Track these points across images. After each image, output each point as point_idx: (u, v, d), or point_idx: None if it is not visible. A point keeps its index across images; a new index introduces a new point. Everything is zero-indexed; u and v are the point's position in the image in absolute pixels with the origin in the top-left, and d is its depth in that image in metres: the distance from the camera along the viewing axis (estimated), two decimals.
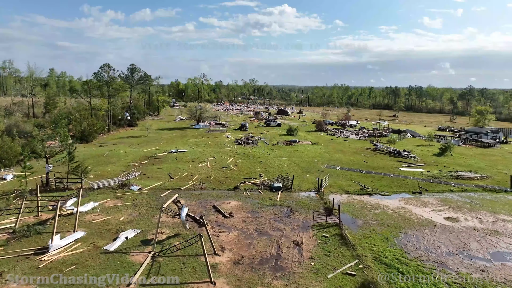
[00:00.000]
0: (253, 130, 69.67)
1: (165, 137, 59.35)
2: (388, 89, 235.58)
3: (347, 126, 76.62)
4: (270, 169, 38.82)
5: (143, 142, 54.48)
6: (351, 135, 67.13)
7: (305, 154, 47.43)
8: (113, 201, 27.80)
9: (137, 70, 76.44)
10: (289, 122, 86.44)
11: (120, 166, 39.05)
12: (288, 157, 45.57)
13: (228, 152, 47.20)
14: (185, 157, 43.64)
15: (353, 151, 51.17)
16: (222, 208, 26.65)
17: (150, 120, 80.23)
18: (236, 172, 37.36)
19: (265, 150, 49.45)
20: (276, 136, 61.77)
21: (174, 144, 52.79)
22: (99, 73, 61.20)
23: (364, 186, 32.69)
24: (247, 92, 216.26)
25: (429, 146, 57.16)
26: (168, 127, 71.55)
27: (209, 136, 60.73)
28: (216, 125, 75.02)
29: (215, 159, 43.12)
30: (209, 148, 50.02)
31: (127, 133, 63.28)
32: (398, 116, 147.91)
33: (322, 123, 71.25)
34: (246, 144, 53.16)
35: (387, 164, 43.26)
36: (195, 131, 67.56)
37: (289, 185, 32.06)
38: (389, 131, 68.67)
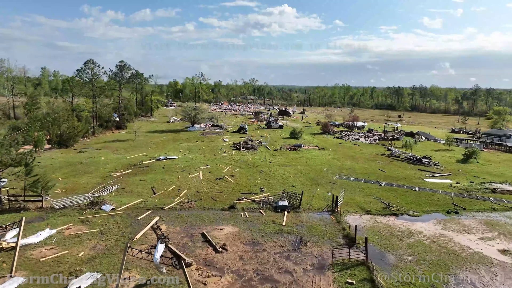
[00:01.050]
0: (253, 133, 63.91)
1: (155, 141, 53.54)
2: (391, 89, 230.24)
3: (354, 128, 70.84)
4: (272, 181, 33.04)
5: (130, 147, 48.68)
6: (360, 138, 61.35)
7: (312, 162, 41.65)
8: (76, 226, 22.00)
9: (127, 68, 70.68)
10: (292, 124, 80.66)
11: (97, 177, 33.26)
12: (293, 165, 39.79)
13: (224, 159, 41.42)
14: (174, 165, 37.86)
15: (366, 157, 45.38)
16: (213, 236, 20.89)
17: (139, 122, 74.35)
18: (232, 185, 31.57)
19: (267, 156, 43.67)
20: (279, 140, 55.99)
21: (164, 149, 46.99)
22: (82, 70, 55.48)
23: (388, 205, 26.89)
24: (247, 92, 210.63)
25: (448, 151, 51.42)
26: (160, 130, 65.71)
27: (204, 140, 54.93)
28: (213, 127, 69.23)
29: (209, 168, 37.34)
30: (203, 154, 44.22)
31: (114, 136, 57.47)
32: (403, 116, 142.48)
33: (328, 125, 65.49)
34: (245, 149, 47.38)
35: (407, 173, 37.49)
36: (189, 134, 61.73)
37: (297, 204, 26.28)
38: (402, 134, 62.87)
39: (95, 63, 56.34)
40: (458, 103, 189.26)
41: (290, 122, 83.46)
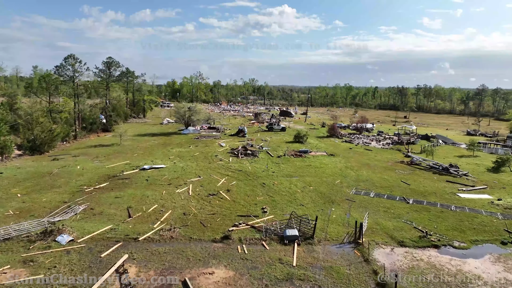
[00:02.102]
0: (253, 136, 58.15)
1: (143, 145, 47.75)
2: (394, 88, 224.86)
3: (363, 131, 65.04)
4: (277, 198, 27.31)
5: (113, 153, 42.93)
6: (371, 142, 55.60)
7: (322, 172, 35.90)
8: (14, 270, 16.27)
9: (116, 65, 64.91)
10: (295, 126, 74.91)
11: (65, 192, 27.54)
12: (300, 175, 34.05)
13: (219, 169, 35.68)
14: (160, 176, 32.13)
15: (383, 165, 39.63)
16: (199, 287, 15.18)
17: (129, 124, 68.39)
18: (228, 203, 25.84)
19: (269, 165, 37.92)
20: (282, 144, 50.23)
21: (152, 156, 41.24)
22: (62, 67, 49.79)
23: (425, 233, 21.12)
24: (246, 92, 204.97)
25: (473, 158, 45.69)
26: (150, 132, 59.89)
27: (198, 145, 49.13)
28: (209, 129, 63.47)
29: (201, 180, 31.61)
30: (196, 162, 38.46)
31: (98, 140, 51.72)
32: (409, 117, 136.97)
33: (336, 128, 59.66)
34: (244, 155, 41.64)
35: (436, 186, 31.75)
36: (183, 137, 55.92)
37: (310, 233, 20.54)
38: (418, 137, 57.10)
39: (76, 58, 50.52)
40: (464, 104, 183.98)
41: (293, 124, 77.66)
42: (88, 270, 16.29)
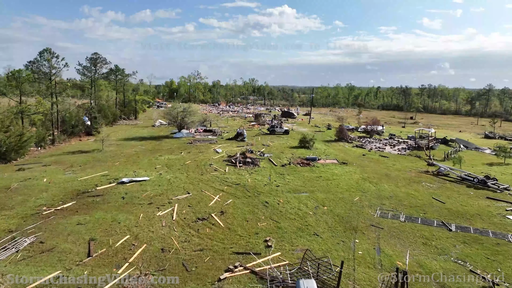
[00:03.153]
0: (253, 140, 52.41)
1: (128, 152, 41.95)
2: (398, 89, 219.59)
3: (374, 134, 59.27)
4: (283, 223, 21.58)
5: (92, 161, 37.17)
6: (385, 147, 49.83)
7: (335, 184, 30.16)
8: None
9: (102, 61, 59.13)
10: (298, 128, 69.20)
11: (16, 216, 21.80)
12: (310, 190, 28.31)
13: (213, 181, 29.94)
14: (141, 192, 26.40)
15: (405, 176, 33.88)
16: None
17: (116, 127, 62.70)
18: (221, 232, 20.11)
19: (272, 176, 32.20)
20: (285, 150, 44.48)
21: (136, 165, 35.49)
22: (37, 62, 44.10)
23: (492, 283, 15.39)
24: (246, 92, 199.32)
25: (505, 166, 39.95)
26: (139, 136, 54.04)
27: (191, 151, 43.34)
28: (205, 132, 57.71)
29: (190, 197, 25.87)
30: (186, 173, 32.70)
31: (79, 146, 45.93)
32: (416, 118, 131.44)
33: (345, 131, 53.84)
34: (243, 164, 35.91)
35: (476, 205, 26.01)
36: (174, 142, 50.11)
37: (334, 284, 14.81)
38: (437, 141, 51.34)
39: (53, 53, 44.81)
40: (471, 104, 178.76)
41: (296, 126, 71.75)
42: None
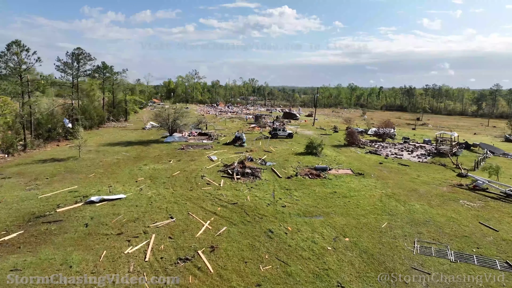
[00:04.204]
0: (253, 145, 46.78)
1: (108, 161, 36.23)
2: (402, 89, 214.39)
3: (386, 137, 53.57)
4: (294, 266, 15.92)
5: (63, 172, 31.49)
6: (402, 153, 44.15)
7: (354, 203, 24.48)
8: None
9: (86, 57, 53.33)
10: (303, 131, 63.52)
11: None
12: (324, 212, 22.66)
13: (205, 200, 24.30)
14: (111, 217, 20.76)
15: (437, 191, 28.16)
16: None
17: (102, 130, 56.95)
18: (209, 282, 14.45)
19: (276, 192, 26.55)
20: (290, 158, 38.84)
21: (113, 177, 29.82)
22: (4, 56, 38.46)
23: None
24: (246, 93, 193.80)
25: None
26: (125, 141, 48.29)
27: (182, 158, 37.65)
28: (200, 136, 52.06)
29: (172, 223, 20.22)
30: (172, 188, 27.02)
31: (54, 153, 40.24)
32: (422, 119, 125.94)
33: (355, 134, 48.07)
34: (242, 176, 30.27)
35: None
36: (164, 147, 44.41)
37: None
38: (460, 146, 45.63)
39: (23, 45, 39.17)
40: (478, 104, 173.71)
41: (300, 129, 66.02)
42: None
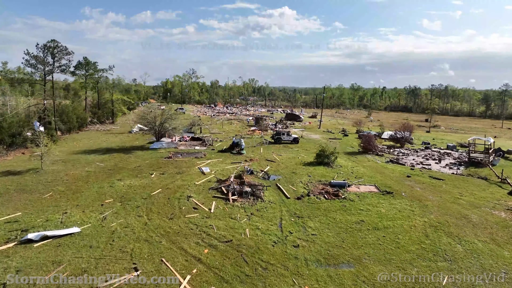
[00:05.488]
0: (254, 152, 40.22)
1: (75, 174, 29.53)
2: (406, 89, 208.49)
3: (405, 143, 46.97)
4: None
5: (12, 190, 24.83)
6: (428, 162, 37.55)
7: (391, 240, 17.84)
8: None
9: (61, 51, 46.53)
10: (309, 135, 56.92)
11: None
12: (353, 255, 16.04)
13: (188, 235, 17.69)
14: (45, 269, 14.12)
15: (495, 219, 21.48)
16: None
17: (82, 134, 50.27)
18: None
19: (285, 221, 19.94)
20: (298, 169, 32.23)
21: (75, 198, 23.19)
22: None
23: None
24: (246, 93, 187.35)
25: None
26: (105, 147, 41.57)
27: (166, 171, 30.95)
28: (192, 141, 45.45)
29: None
30: (147, 215, 20.39)
31: (13, 163, 33.51)
32: (431, 120, 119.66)
33: (373, 140, 41.34)
34: (240, 196, 23.69)
35: None
36: (148, 155, 37.71)
37: None
38: (497, 154, 38.99)
39: None
40: (487, 105, 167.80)
41: (306, 133, 59.27)
42: None
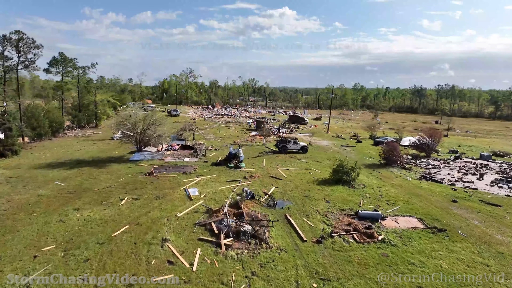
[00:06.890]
0: (255, 165, 33.31)
1: (19, 200, 22.61)
2: (412, 89, 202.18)
3: (432, 151, 40.14)
4: None
5: None
6: (468, 177, 30.73)
7: None
8: None
9: (27, 43, 39.64)
10: (318, 141, 50.00)
11: None
12: None
13: None
14: None
15: None
16: None
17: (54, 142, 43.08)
18: None
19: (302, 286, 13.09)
20: (312, 190, 25.33)
21: (4, 242, 16.40)
22: None
23: None
24: (246, 93, 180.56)
25: None
26: (75, 159, 34.58)
27: (143, 193, 24.00)
28: (182, 150, 38.61)
29: None
30: (95, 274, 13.56)
31: None
32: (441, 122, 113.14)
33: (398, 150, 34.39)
34: (236, 238, 16.88)
35: None
36: (125, 170, 30.70)
37: None
38: None
39: None
40: (496, 106, 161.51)
41: (314, 139, 52.18)
42: None
